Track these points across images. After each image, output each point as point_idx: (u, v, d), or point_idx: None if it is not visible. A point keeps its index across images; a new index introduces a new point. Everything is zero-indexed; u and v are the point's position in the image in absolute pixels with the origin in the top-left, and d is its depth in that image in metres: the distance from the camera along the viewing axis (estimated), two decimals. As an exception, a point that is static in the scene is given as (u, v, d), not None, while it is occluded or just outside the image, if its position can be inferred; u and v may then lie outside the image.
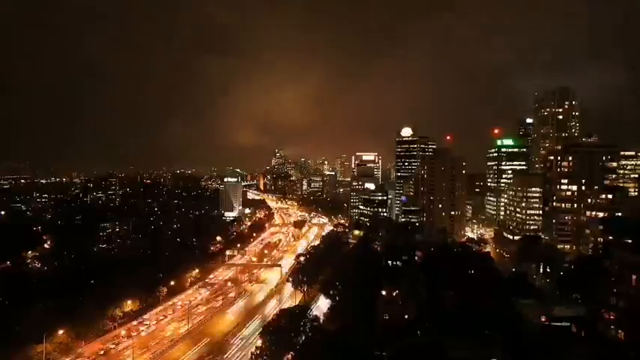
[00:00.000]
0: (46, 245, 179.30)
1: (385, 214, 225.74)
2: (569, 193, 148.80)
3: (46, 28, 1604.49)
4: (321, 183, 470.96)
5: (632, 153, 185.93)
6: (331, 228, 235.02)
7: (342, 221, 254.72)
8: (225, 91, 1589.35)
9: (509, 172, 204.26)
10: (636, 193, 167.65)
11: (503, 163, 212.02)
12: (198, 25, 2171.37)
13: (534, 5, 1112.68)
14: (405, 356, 60.54)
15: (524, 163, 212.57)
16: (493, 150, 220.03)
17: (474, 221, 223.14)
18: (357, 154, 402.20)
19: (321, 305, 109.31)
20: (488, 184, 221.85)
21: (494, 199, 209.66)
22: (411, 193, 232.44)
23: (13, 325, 79.87)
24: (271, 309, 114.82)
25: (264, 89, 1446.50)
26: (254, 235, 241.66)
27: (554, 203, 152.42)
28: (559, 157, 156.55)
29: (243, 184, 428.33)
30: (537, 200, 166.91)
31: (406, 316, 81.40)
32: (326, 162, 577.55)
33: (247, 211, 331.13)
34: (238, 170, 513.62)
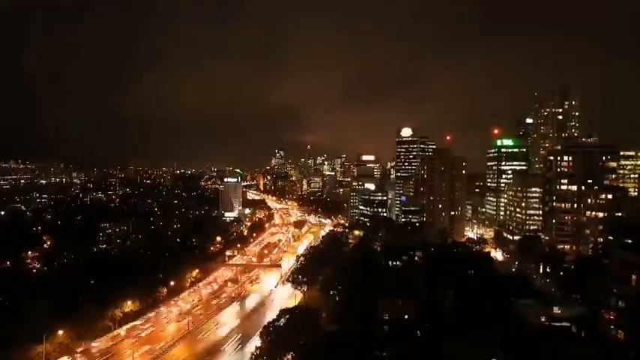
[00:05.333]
0: (46, 245, 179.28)
1: (385, 214, 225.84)
2: (569, 193, 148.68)
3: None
4: (321, 183, 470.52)
5: (632, 153, 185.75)
6: (331, 228, 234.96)
7: (342, 221, 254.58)
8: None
9: (509, 172, 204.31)
10: (636, 193, 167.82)
11: (503, 163, 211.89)
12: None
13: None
14: (405, 356, 60.65)
15: (524, 163, 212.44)
16: (493, 150, 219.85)
17: (474, 221, 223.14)
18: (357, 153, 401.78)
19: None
20: (488, 184, 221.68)
21: (494, 199, 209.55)
22: (411, 193, 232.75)
23: (13, 325, 79.69)
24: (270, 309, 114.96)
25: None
26: (254, 235, 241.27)
27: (554, 203, 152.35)
28: (559, 157, 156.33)
29: (243, 184, 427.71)
30: (537, 200, 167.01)
31: (406, 316, 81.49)
32: (326, 162, 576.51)
33: (247, 211, 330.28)
34: (238, 170, 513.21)
